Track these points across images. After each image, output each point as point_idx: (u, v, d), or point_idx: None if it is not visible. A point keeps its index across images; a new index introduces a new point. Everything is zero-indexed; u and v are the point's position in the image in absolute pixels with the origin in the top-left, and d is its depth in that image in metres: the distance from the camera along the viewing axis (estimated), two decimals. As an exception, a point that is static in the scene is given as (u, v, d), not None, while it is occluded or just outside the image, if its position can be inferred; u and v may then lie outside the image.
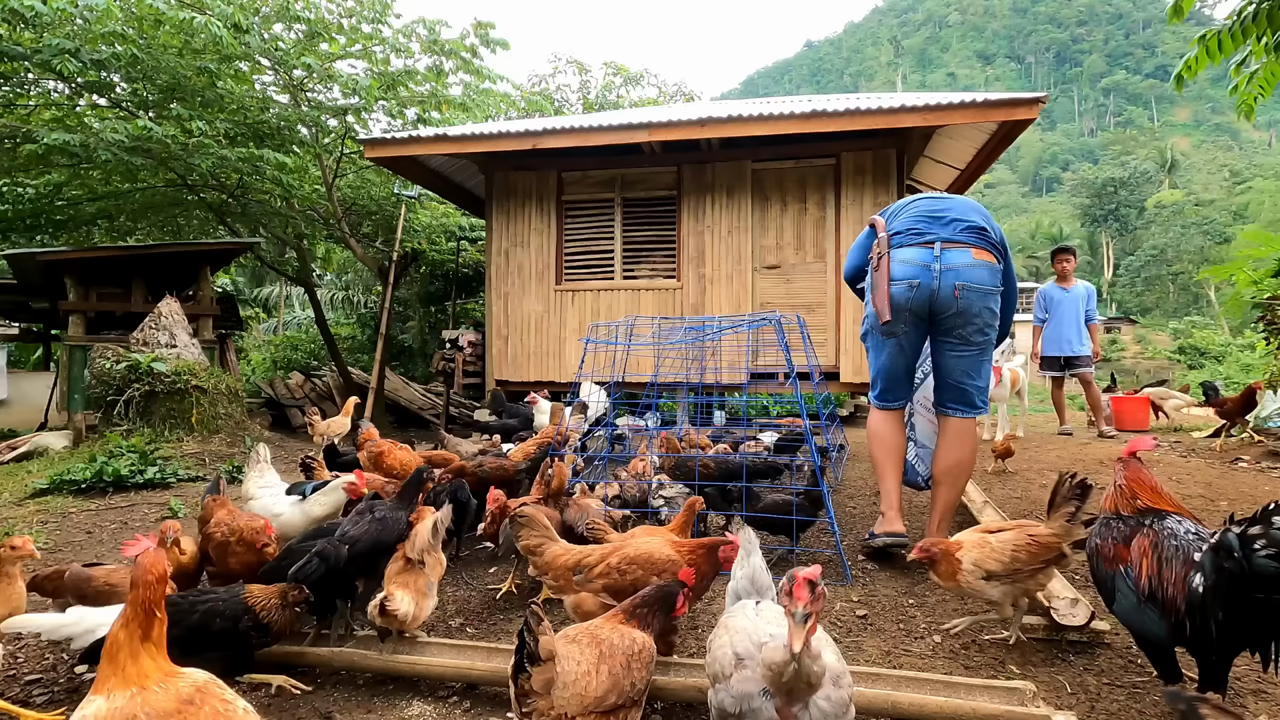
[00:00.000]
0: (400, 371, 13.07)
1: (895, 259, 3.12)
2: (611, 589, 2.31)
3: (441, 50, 10.55)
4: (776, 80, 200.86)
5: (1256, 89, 5.21)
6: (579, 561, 2.41)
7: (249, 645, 2.34)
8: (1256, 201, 53.88)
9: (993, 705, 1.99)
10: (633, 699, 1.75)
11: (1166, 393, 8.10)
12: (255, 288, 25.01)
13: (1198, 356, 29.50)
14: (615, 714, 1.70)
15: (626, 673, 1.73)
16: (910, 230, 3.16)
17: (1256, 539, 1.58)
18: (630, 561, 2.35)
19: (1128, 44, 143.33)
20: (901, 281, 3.09)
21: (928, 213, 3.17)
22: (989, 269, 3.07)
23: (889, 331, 3.20)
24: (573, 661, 1.69)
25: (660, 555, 2.38)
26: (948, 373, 3.25)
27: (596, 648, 1.77)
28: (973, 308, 3.07)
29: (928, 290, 3.05)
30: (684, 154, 8.31)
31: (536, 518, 2.58)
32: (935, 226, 3.11)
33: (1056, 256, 7.57)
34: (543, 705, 1.63)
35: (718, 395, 6.92)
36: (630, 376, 5.33)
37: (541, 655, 1.63)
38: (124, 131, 8.15)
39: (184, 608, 2.28)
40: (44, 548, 4.30)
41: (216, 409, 7.34)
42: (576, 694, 1.65)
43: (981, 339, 3.15)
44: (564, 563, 2.44)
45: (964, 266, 3.03)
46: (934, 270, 3.03)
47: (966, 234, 3.08)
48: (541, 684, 1.63)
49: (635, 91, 19.89)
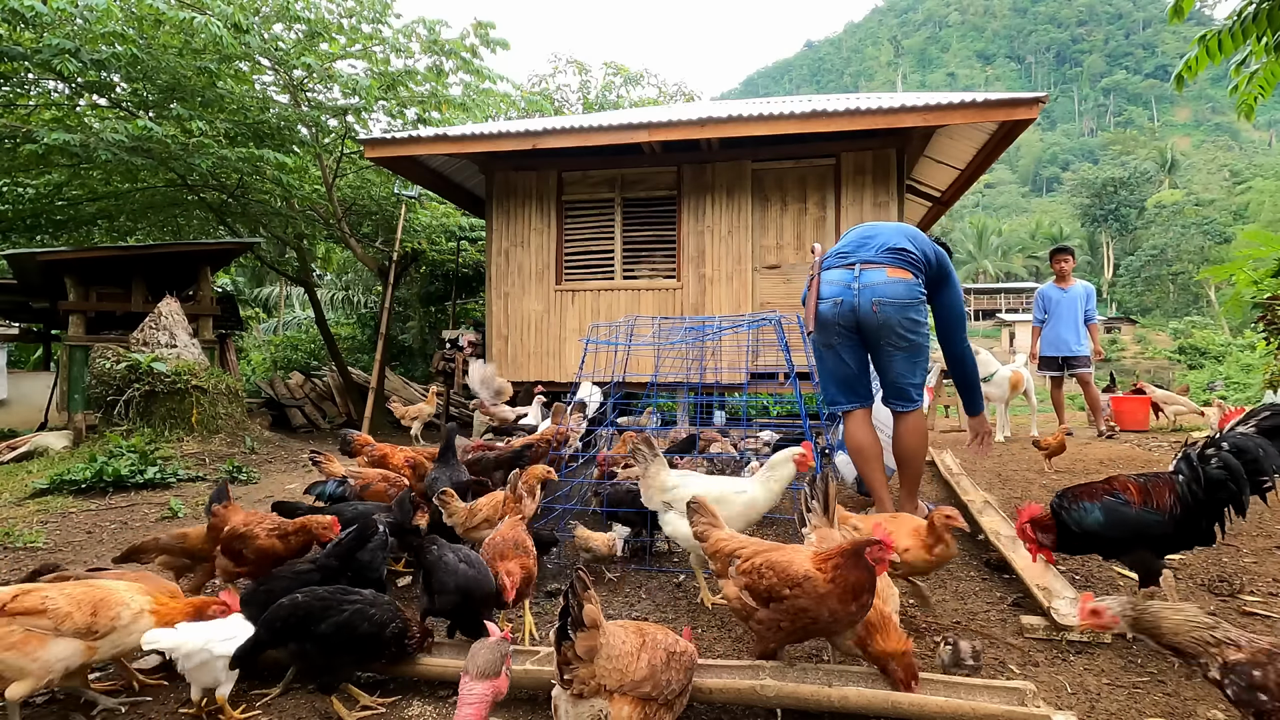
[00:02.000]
0: (400, 371, 13.08)
1: (824, 279, 3.60)
2: (750, 588, 2.24)
3: (441, 50, 10.55)
4: (776, 80, 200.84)
5: (1256, 89, 5.21)
6: (734, 551, 2.37)
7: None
8: (1256, 201, 53.89)
9: (993, 705, 1.99)
10: (667, 698, 1.78)
11: (1170, 396, 8.07)
12: (255, 288, 25.02)
13: (1198, 356, 29.49)
14: (648, 705, 1.73)
15: (665, 668, 1.78)
16: (839, 253, 3.63)
17: (1210, 457, 2.45)
18: (769, 566, 2.21)
19: (1128, 44, 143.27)
20: (827, 300, 3.56)
21: (857, 238, 3.66)
22: (905, 284, 3.47)
23: (824, 342, 3.67)
24: (618, 639, 1.76)
25: (798, 570, 2.15)
26: (885, 374, 3.68)
27: (640, 636, 1.84)
28: (891, 319, 3.47)
29: (850, 305, 3.50)
30: (684, 154, 8.30)
31: (705, 504, 2.60)
32: (860, 250, 3.56)
33: (1055, 257, 7.57)
34: (584, 673, 1.68)
35: (718, 395, 6.91)
36: (630, 376, 5.33)
37: (586, 621, 1.67)
38: (124, 131, 8.15)
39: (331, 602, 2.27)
40: (44, 547, 4.30)
41: (216, 409, 7.34)
42: (617, 669, 1.70)
43: (906, 344, 3.54)
44: (726, 549, 2.40)
45: (879, 284, 3.46)
46: (854, 288, 3.49)
47: (884, 255, 3.51)
48: (585, 650, 1.67)
49: (635, 91, 19.89)
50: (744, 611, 2.25)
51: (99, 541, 4.40)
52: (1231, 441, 2.45)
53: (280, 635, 2.20)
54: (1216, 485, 2.40)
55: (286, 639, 2.20)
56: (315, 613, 2.20)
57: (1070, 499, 2.67)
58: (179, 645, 2.15)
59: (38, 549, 4.24)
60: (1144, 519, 2.48)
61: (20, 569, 3.88)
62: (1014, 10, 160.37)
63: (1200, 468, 2.44)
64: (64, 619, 2.11)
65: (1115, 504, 2.55)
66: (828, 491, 2.73)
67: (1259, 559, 3.33)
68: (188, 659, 2.15)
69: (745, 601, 2.23)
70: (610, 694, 1.69)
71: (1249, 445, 2.41)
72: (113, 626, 2.18)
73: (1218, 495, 2.40)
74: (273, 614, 2.22)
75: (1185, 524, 2.46)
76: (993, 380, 7.16)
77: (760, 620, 2.20)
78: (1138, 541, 2.54)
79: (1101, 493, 2.60)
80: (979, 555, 3.54)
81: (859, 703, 2.05)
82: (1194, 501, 2.43)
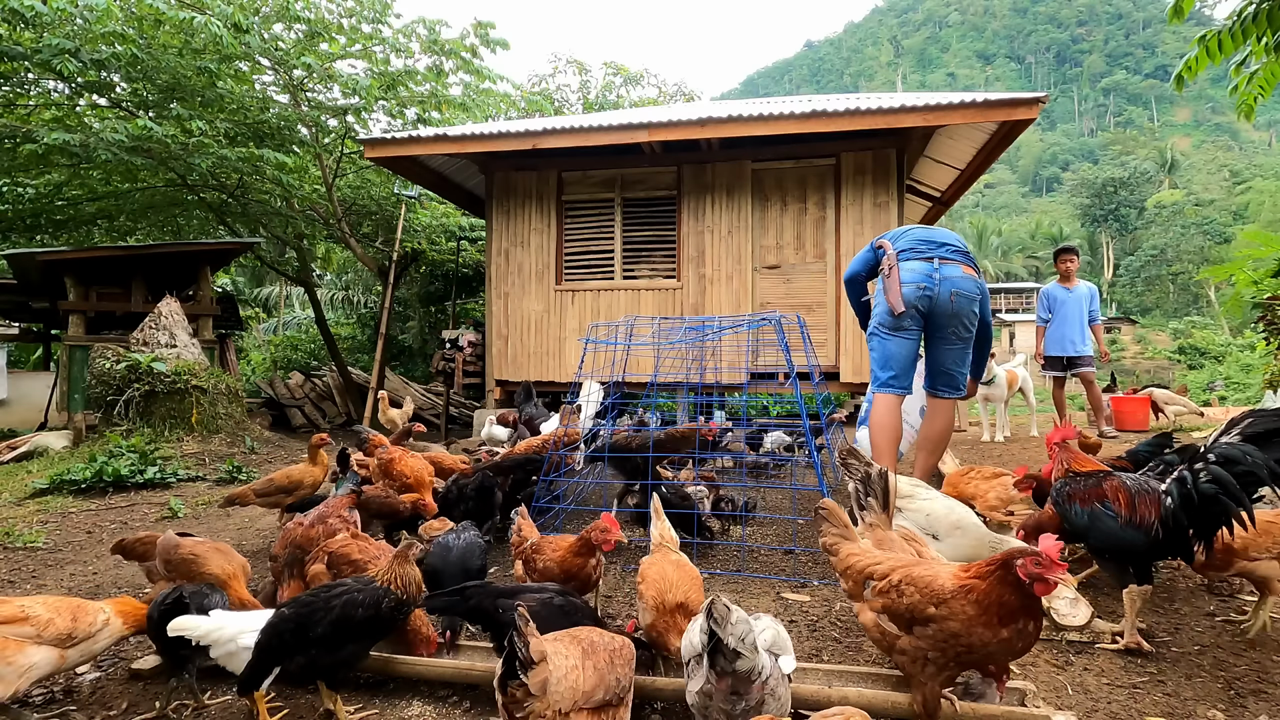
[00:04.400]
0: (400, 371, 13.08)
1: (904, 268, 3.89)
2: (888, 609, 1.94)
3: (441, 50, 10.56)
4: (776, 80, 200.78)
5: (1256, 89, 5.21)
6: (868, 569, 2.06)
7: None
8: (1256, 201, 53.91)
9: (993, 705, 1.99)
10: (619, 695, 1.77)
11: (1170, 396, 8.07)
12: (255, 288, 25.03)
13: (1198, 357, 29.52)
14: (605, 711, 1.71)
15: (610, 668, 1.76)
16: (912, 250, 3.94)
17: (1200, 471, 2.32)
18: (909, 581, 1.92)
19: (1128, 44, 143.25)
20: (910, 284, 3.85)
21: (922, 238, 3.98)
22: (974, 281, 3.89)
23: (898, 326, 3.90)
24: (560, 658, 1.70)
25: (944, 585, 1.86)
26: (940, 363, 4.03)
27: (578, 645, 1.79)
28: (962, 311, 3.86)
29: (929, 294, 3.84)
30: (684, 154, 8.30)
31: (836, 510, 2.31)
32: (931, 248, 3.91)
33: (1060, 256, 7.56)
34: (539, 706, 1.62)
35: (718, 395, 6.91)
36: (630, 376, 5.33)
37: (534, 657, 1.62)
38: (124, 131, 8.15)
39: None
40: (44, 547, 4.30)
41: (216, 409, 7.35)
42: (569, 688, 1.66)
43: (967, 335, 3.96)
44: (859, 566, 2.11)
45: (957, 278, 3.84)
46: (935, 279, 3.84)
47: (955, 254, 3.91)
48: (538, 685, 1.62)
49: (635, 91, 19.90)
50: (885, 642, 1.96)
51: (99, 541, 4.40)
52: (1219, 452, 2.33)
53: (286, 650, 2.11)
54: (1209, 500, 2.28)
55: (293, 653, 2.11)
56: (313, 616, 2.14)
57: (1066, 497, 2.65)
58: (209, 633, 2.14)
59: (38, 549, 4.24)
60: (1123, 535, 2.42)
61: (20, 569, 3.88)
62: (1014, 10, 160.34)
63: (1193, 490, 2.31)
64: (45, 625, 2.14)
65: (1101, 513, 2.50)
66: (887, 487, 2.44)
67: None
68: (217, 647, 2.13)
69: (884, 628, 1.94)
70: (566, 715, 1.64)
71: (1237, 454, 2.28)
72: (89, 633, 2.22)
73: (1212, 509, 2.27)
74: (268, 635, 2.11)
75: (1167, 543, 2.39)
76: (993, 383, 7.35)
77: (904, 651, 1.89)
78: (1118, 553, 2.50)
79: (1094, 497, 2.55)
80: (979, 555, 3.54)
81: (858, 703, 2.05)
82: (1175, 525, 2.35)
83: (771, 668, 1.73)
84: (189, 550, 2.71)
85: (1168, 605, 2.92)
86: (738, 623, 1.64)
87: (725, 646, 1.64)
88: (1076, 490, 2.63)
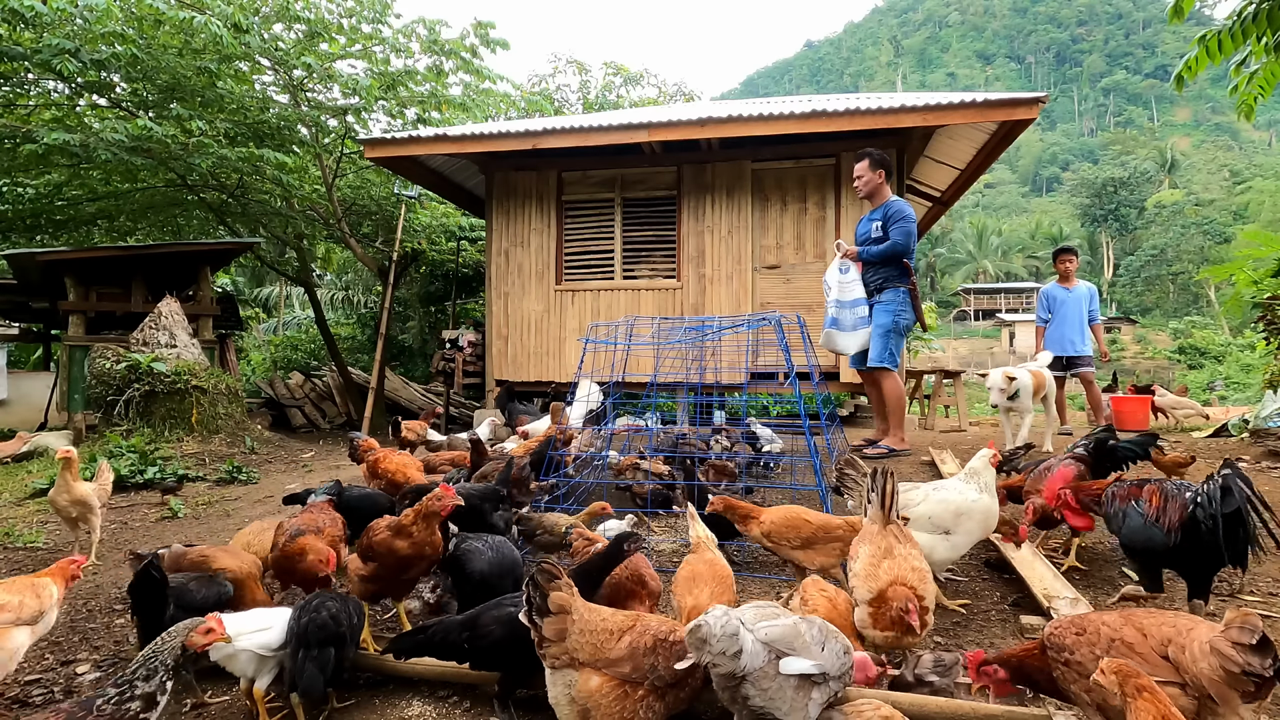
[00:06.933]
0: (400, 371, 13.06)
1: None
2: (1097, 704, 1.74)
3: (441, 50, 10.54)
4: (776, 80, 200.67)
5: (1256, 89, 5.21)
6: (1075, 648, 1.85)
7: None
8: (1256, 201, 53.91)
9: (993, 705, 1.99)
10: (654, 684, 1.81)
11: (1177, 401, 8.02)
12: (255, 288, 25.05)
13: (1198, 356, 29.54)
14: (627, 686, 1.80)
15: (650, 653, 1.83)
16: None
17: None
18: (1125, 645, 1.77)
19: (1128, 44, 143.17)
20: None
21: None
22: None
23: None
24: (597, 619, 1.88)
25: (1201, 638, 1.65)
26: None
27: (632, 621, 1.92)
28: None
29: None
30: (684, 154, 8.30)
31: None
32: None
33: (1059, 257, 7.56)
34: (555, 650, 1.83)
35: (718, 395, 6.91)
36: (630, 376, 5.33)
37: (551, 609, 1.82)
38: (124, 131, 8.14)
39: None
40: (44, 547, 4.30)
41: (216, 409, 7.34)
42: (591, 644, 1.82)
43: None
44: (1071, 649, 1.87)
45: None
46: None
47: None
48: (553, 633, 1.81)
49: (635, 91, 19.89)
50: None
51: (98, 541, 4.39)
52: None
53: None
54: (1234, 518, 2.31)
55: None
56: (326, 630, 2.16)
57: (1112, 497, 2.79)
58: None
59: (38, 549, 4.24)
60: (1150, 533, 2.54)
61: (20, 569, 3.88)
62: (1014, 10, 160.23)
63: (1220, 511, 2.32)
64: (20, 608, 2.20)
65: (1133, 510, 2.63)
66: (887, 489, 2.40)
67: (1258, 558, 3.32)
68: (214, 650, 2.07)
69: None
70: (581, 666, 1.81)
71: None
72: (48, 607, 2.30)
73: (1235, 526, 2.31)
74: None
75: (1189, 550, 2.43)
76: (1018, 396, 5.73)
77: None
78: (1144, 553, 2.60)
79: (1131, 496, 2.68)
80: (979, 555, 3.54)
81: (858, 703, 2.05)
82: (1199, 531, 2.38)
83: (762, 665, 1.71)
84: (198, 553, 2.75)
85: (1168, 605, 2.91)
86: (720, 617, 1.75)
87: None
88: (1121, 490, 2.80)
